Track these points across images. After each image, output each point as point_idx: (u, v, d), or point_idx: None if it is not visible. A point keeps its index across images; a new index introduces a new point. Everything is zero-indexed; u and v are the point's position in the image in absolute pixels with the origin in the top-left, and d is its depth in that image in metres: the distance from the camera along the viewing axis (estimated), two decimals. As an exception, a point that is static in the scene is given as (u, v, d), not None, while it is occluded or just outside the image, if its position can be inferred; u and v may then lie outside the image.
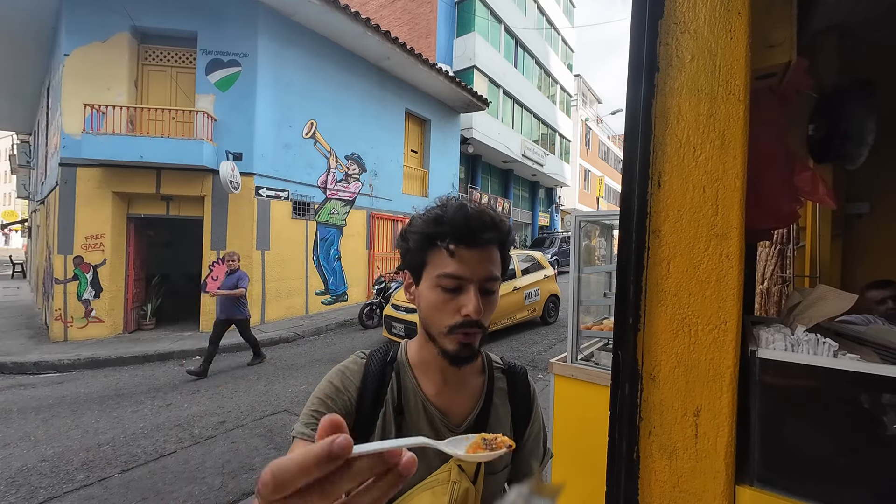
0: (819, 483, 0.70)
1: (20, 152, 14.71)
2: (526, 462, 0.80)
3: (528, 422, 0.81)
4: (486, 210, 0.71)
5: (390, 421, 0.73)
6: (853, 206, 2.04)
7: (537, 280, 7.30)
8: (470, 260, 0.66)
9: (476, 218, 0.68)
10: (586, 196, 28.12)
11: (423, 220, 0.71)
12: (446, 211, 0.69)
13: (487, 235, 0.68)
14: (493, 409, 0.78)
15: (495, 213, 0.72)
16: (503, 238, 0.71)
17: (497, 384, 0.81)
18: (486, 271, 0.67)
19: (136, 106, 6.76)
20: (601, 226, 2.95)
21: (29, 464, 3.10)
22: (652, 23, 0.76)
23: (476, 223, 0.67)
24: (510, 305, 6.65)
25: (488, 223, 0.69)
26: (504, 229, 0.71)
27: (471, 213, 0.68)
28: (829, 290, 0.88)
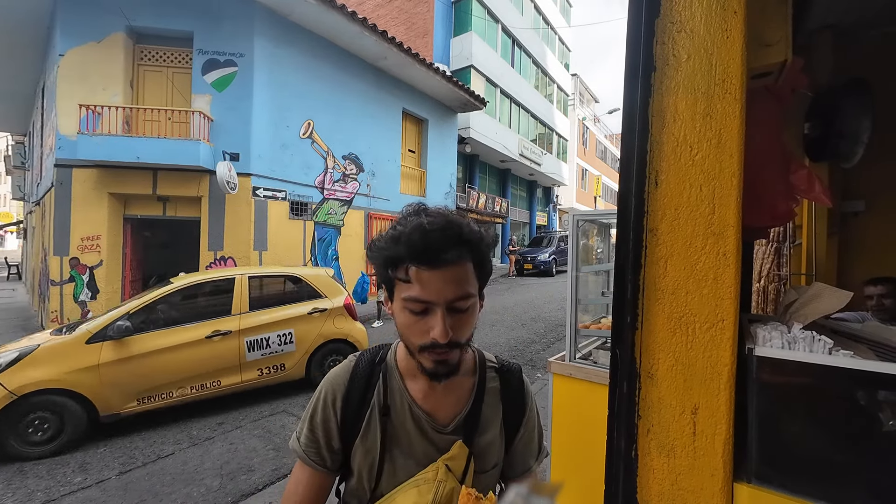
0: (816, 479, 0.70)
1: (15, 153, 14.62)
2: (518, 459, 0.80)
3: (521, 421, 0.80)
4: (453, 221, 0.65)
5: (375, 422, 0.74)
6: (849, 204, 2.05)
7: (292, 317, 4.41)
8: (433, 282, 0.62)
9: (437, 236, 0.61)
10: (584, 195, 28.17)
11: (383, 239, 0.66)
12: (404, 228, 0.63)
13: (450, 254, 0.62)
14: (484, 409, 0.77)
15: (465, 224, 0.66)
16: (475, 252, 0.66)
17: (489, 384, 0.80)
18: (453, 292, 0.63)
19: (132, 106, 6.73)
20: (599, 225, 2.95)
21: (25, 466, 3.09)
22: (648, 22, 0.77)
23: (437, 242, 0.61)
24: (208, 361, 3.90)
25: (452, 239, 0.63)
26: (475, 242, 0.66)
27: (430, 231, 0.61)
28: (825, 288, 0.89)
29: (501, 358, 0.86)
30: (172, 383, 3.77)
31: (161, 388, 3.72)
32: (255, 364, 4.20)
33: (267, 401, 4.31)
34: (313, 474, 0.74)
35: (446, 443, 0.73)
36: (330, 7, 7.46)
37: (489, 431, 0.77)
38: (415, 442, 0.73)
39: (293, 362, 4.43)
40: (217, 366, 3.98)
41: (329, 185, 8.78)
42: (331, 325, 4.64)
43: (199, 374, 3.89)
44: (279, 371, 4.36)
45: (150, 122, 6.78)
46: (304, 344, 4.47)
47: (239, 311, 4.19)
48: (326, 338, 4.60)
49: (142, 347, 3.65)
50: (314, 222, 8.49)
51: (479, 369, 0.81)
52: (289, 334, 4.39)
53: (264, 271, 4.72)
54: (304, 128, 8.23)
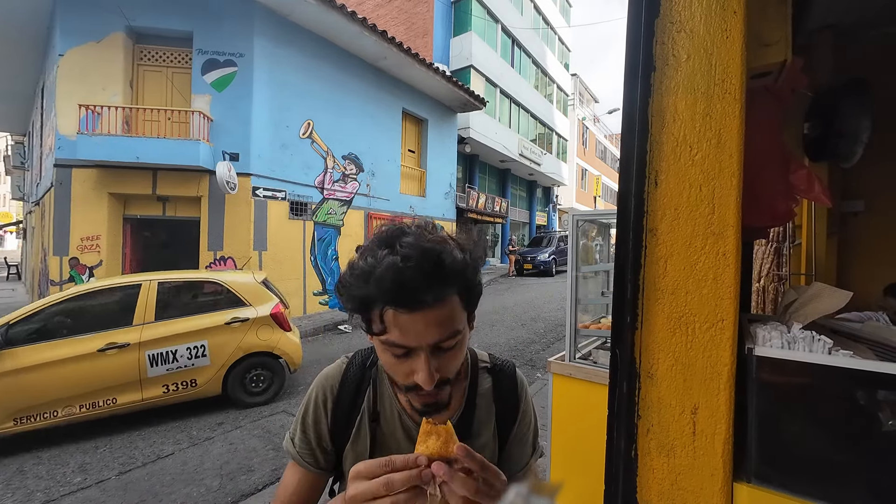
0: (816, 479, 0.70)
1: (14, 153, 14.62)
2: (512, 458, 0.79)
3: (514, 420, 0.79)
4: (431, 252, 0.55)
5: (365, 428, 0.73)
6: (848, 204, 2.05)
7: (207, 328, 3.97)
8: (413, 326, 0.55)
9: (413, 274, 0.53)
10: (583, 195, 28.18)
11: (352, 276, 0.58)
12: (376, 264, 0.54)
13: (431, 295, 0.54)
14: (476, 413, 0.75)
15: (446, 252, 0.56)
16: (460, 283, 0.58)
17: (481, 386, 0.78)
18: (437, 335, 0.56)
19: (132, 106, 6.73)
20: (598, 225, 2.95)
21: (25, 466, 3.09)
22: (648, 22, 0.77)
23: (414, 281, 0.53)
24: (101, 377, 3.56)
25: (432, 276, 0.54)
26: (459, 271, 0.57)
27: (406, 269, 0.52)
28: (824, 288, 0.89)
29: (495, 356, 0.84)
30: (57, 401, 3.40)
31: (43, 407, 3.37)
32: (159, 380, 3.77)
33: (266, 401, 4.31)
34: (306, 474, 0.74)
35: None
36: (330, 7, 7.45)
37: (482, 435, 0.75)
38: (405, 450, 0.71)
39: (206, 378, 3.97)
40: (112, 382, 3.58)
41: (329, 185, 8.78)
42: (253, 337, 4.16)
43: (91, 392, 3.51)
44: (190, 387, 3.93)
45: (150, 122, 6.78)
46: (220, 357, 4.00)
47: (142, 321, 3.79)
48: (247, 350, 4.13)
49: (19, 362, 3.31)
50: (314, 222, 8.49)
51: (470, 372, 0.78)
52: (201, 347, 3.92)
53: (179, 277, 4.24)
54: (304, 128, 8.23)
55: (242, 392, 4.17)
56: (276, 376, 4.34)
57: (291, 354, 4.42)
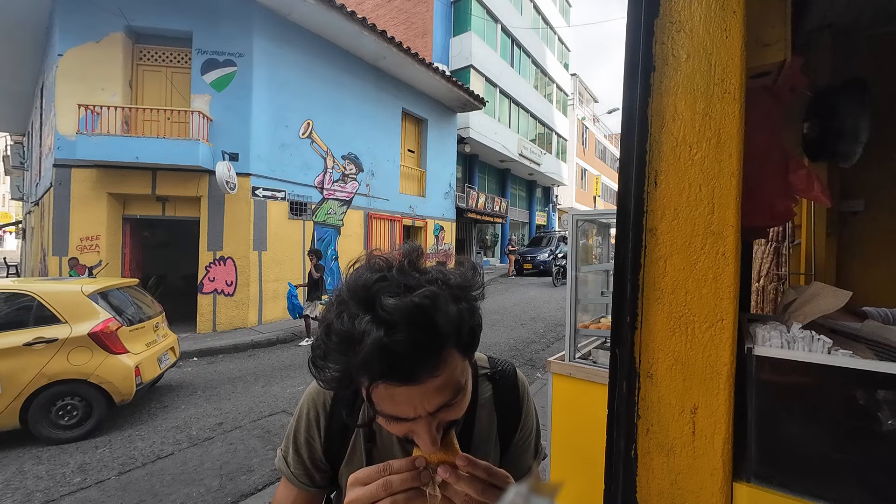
0: (816, 479, 0.70)
1: (14, 153, 14.61)
2: (514, 464, 0.76)
3: (516, 426, 0.76)
4: (421, 314, 0.46)
5: (360, 448, 0.70)
6: (848, 204, 2.05)
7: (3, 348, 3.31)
8: (408, 398, 0.48)
9: (405, 350, 0.44)
10: (583, 195, 28.19)
11: (329, 348, 0.49)
12: (356, 337, 0.45)
13: (427, 368, 0.46)
14: (477, 423, 0.72)
15: (439, 309, 0.47)
16: (459, 340, 0.51)
17: (481, 395, 0.74)
18: (438, 402, 0.50)
19: (131, 106, 6.72)
20: (598, 225, 2.95)
21: (25, 467, 3.08)
22: (648, 22, 0.77)
23: (406, 358, 0.45)
24: None
25: (427, 347, 0.46)
26: (456, 328, 0.49)
27: (394, 344, 0.44)
28: (823, 288, 0.89)
29: (494, 360, 0.80)
30: None
31: None
32: None
33: (265, 401, 4.31)
34: (301, 492, 0.72)
35: None
36: (329, 7, 7.45)
37: (483, 447, 0.72)
38: None
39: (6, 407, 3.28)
40: None
41: (328, 184, 8.77)
42: (62, 361, 3.43)
43: None
44: None
45: (150, 122, 6.78)
46: (15, 386, 3.31)
47: None
48: (53, 378, 3.41)
49: None
50: (314, 222, 8.48)
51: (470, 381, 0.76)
52: None
53: None
54: (304, 128, 8.22)
55: (48, 426, 3.44)
56: (94, 408, 3.57)
57: (116, 382, 3.58)
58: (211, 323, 7.07)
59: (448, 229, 13.09)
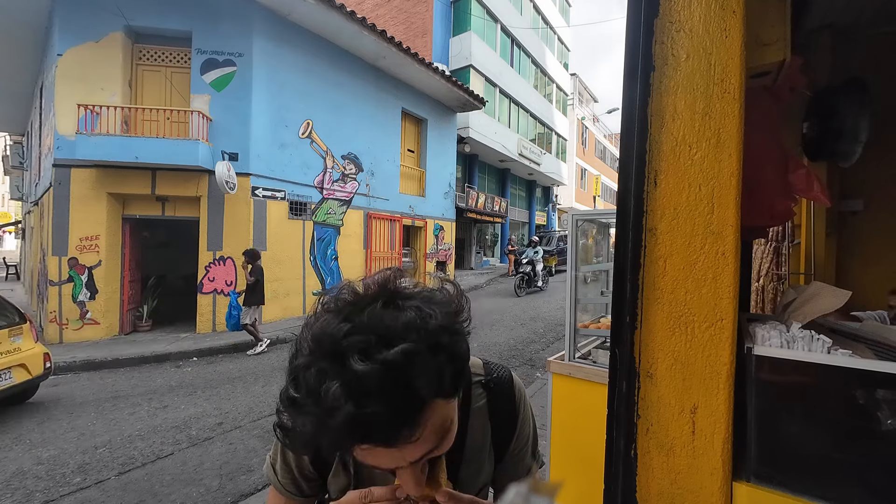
0: (815, 478, 0.70)
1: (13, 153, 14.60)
2: (509, 474, 0.73)
3: (512, 435, 0.73)
4: (396, 378, 0.41)
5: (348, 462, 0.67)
6: (847, 204, 2.05)
7: None
8: (389, 456, 0.45)
9: (380, 420, 0.40)
10: (583, 195, 28.19)
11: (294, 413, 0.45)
12: (323, 406, 0.41)
13: (406, 432, 0.42)
14: (469, 433, 0.68)
15: (417, 369, 0.43)
16: (443, 391, 0.46)
17: (475, 403, 0.71)
18: (417, 454, 0.47)
19: (131, 106, 6.71)
20: (598, 224, 2.95)
21: (24, 467, 3.08)
22: (647, 22, 0.77)
23: (382, 427, 0.41)
24: None
25: (405, 412, 0.42)
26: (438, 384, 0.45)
27: (368, 415, 0.40)
28: (823, 287, 0.89)
29: (489, 365, 0.76)
30: None
31: None
32: None
33: (265, 401, 4.31)
34: (289, 502, 0.71)
35: None
36: (329, 6, 7.45)
37: (475, 458, 0.70)
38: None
39: None
40: None
41: (328, 184, 8.77)
42: None
43: None
44: None
45: (149, 121, 6.77)
46: None
47: None
48: None
49: None
50: (313, 222, 8.48)
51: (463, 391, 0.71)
52: None
53: None
54: (303, 127, 8.22)
55: None
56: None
57: None
58: (211, 323, 7.07)
59: (448, 229, 13.09)
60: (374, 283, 0.51)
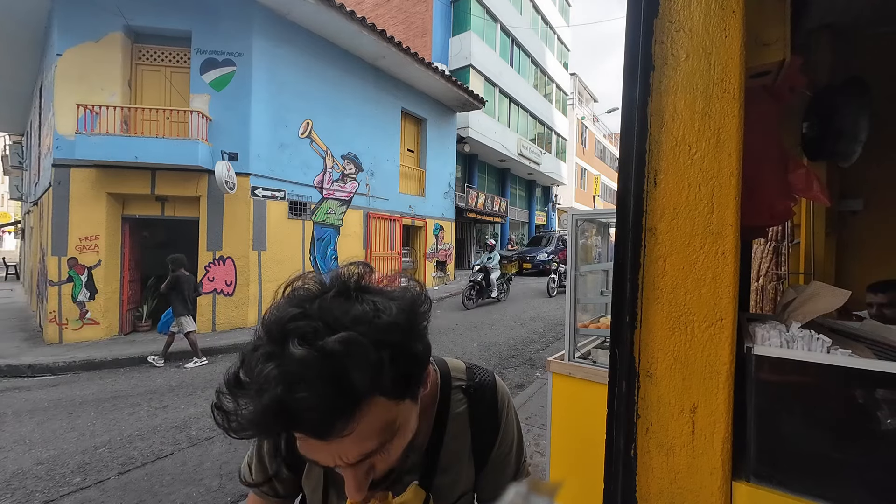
0: (815, 478, 0.70)
1: (12, 153, 14.59)
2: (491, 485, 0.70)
3: (493, 443, 0.70)
4: (330, 368, 0.40)
5: (280, 445, 0.66)
6: (847, 203, 2.05)
7: None
8: (325, 450, 0.44)
9: (309, 408, 0.39)
10: (583, 194, 28.19)
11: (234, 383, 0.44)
12: (259, 384, 0.40)
13: (337, 426, 0.41)
14: (446, 443, 0.66)
15: (353, 362, 0.41)
16: (384, 387, 0.44)
17: (454, 409, 0.68)
18: (356, 454, 0.45)
19: (130, 106, 6.71)
20: (598, 224, 2.95)
21: (24, 467, 3.08)
22: (647, 21, 0.77)
23: (311, 415, 0.39)
24: None
25: (337, 404, 0.40)
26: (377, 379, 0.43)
27: (296, 401, 0.39)
28: (823, 287, 0.89)
29: (473, 369, 0.73)
30: None
31: None
32: None
33: (266, 401, 4.31)
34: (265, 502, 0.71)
35: (402, 484, 0.63)
36: (328, 6, 7.44)
37: (453, 466, 0.67)
38: None
39: None
40: None
41: (328, 184, 8.77)
42: None
43: None
44: None
45: (149, 121, 6.76)
46: None
47: None
48: None
49: None
50: (313, 222, 8.48)
51: (440, 393, 0.68)
52: None
53: None
54: (303, 127, 8.21)
55: None
56: None
57: None
58: (210, 323, 7.07)
59: (448, 229, 13.09)
60: (336, 275, 0.51)
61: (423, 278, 11.92)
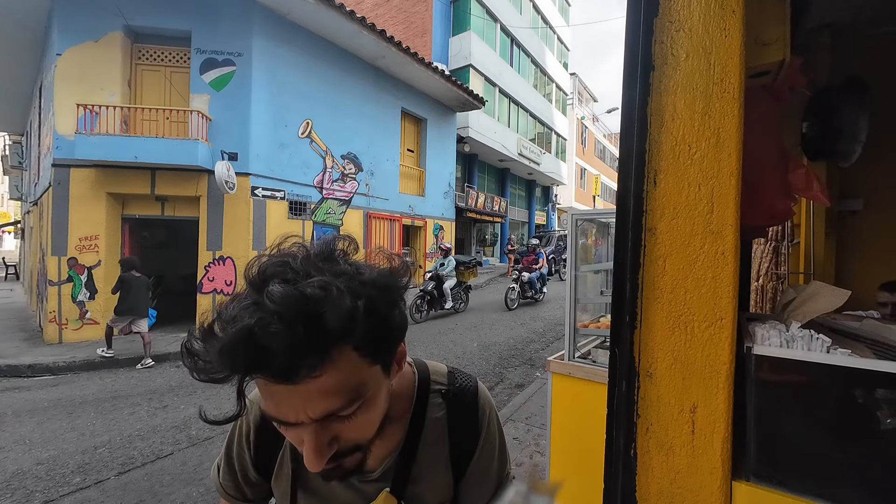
0: (815, 477, 0.71)
1: (12, 153, 14.58)
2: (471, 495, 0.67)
3: (473, 451, 0.66)
4: (305, 307, 0.40)
5: (287, 467, 0.64)
6: (847, 203, 2.05)
7: None
8: (289, 398, 0.43)
9: (279, 342, 0.38)
10: (583, 194, 28.19)
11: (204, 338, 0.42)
12: (231, 317, 0.41)
13: (305, 365, 0.40)
14: (421, 449, 0.63)
15: (329, 304, 0.41)
16: (355, 336, 0.43)
17: (431, 413, 0.65)
18: (320, 409, 0.43)
19: (130, 106, 6.71)
20: (598, 224, 2.95)
21: (24, 467, 3.08)
22: (647, 21, 0.77)
23: (279, 351, 0.38)
24: None
25: (306, 342, 0.39)
26: (349, 326, 0.42)
27: (266, 335, 0.38)
28: (822, 287, 0.89)
29: (455, 374, 0.71)
30: None
31: None
32: None
33: (266, 400, 4.31)
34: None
35: (373, 490, 0.61)
36: (328, 6, 7.44)
37: (428, 474, 0.64)
38: (337, 491, 0.62)
39: None
40: None
41: (328, 184, 8.77)
42: None
43: None
44: None
45: (148, 121, 6.75)
46: None
47: None
48: None
49: None
50: (313, 222, 8.48)
51: (417, 396, 0.65)
52: None
53: None
54: (303, 127, 8.21)
55: None
56: None
57: None
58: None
59: (447, 229, 13.09)
60: (322, 240, 0.52)
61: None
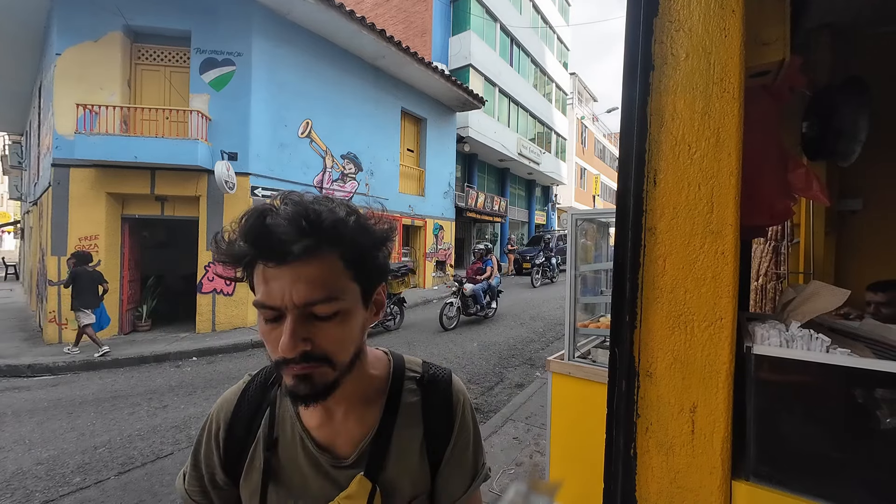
0: (814, 477, 0.71)
1: (12, 153, 14.57)
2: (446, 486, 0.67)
3: (447, 440, 0.67)
4: (309, 206, 0.52)
5: (259, 458, 0.64)
6: (846, 203, 2.05)
7: None
8: (279, 282, 0.50)
9: (282, 226, 0.49)
10: (582, 194, 28.19)
11: (226, 233, 0.54)
12: (247, 218, 0.52)
13: (298, 246, 0.49)
14: (395, 434, 0.64)
15: (326, 210, 0.52)
16: (342, 245, 0.53)
17: (406, 400, 0.67)
18: (304, 294, 0.50)
19: (130, 106, 6.70)
20: (597, 224, 2.95)
21: (24, 467, 3.08)
22: (647, 21, 0.77)
23: (281, 232, 0.49)
24: None
25: (304, 230, 0.49)
26: (339, 230, 0.52)
27: (273, 222, 0.49)
28: (822, 287, 0.89)
29: (431, 365, 0.73)
30: None
31: None
32: None
33: (266, 400, 4.31)
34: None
35: (347, 478, 0.61)
36: (328, 5, 7.44)
37: (403, 459, 0.64)
38: (310, 480, 0.62)
39: None
40: None
41: (328, 184, 8.77)
42: None
43: None
44: None
45: (148, 121, 6.76)
46: None
47: None
48: None
49: None
50: (313, 222, 8.48)
51: (391, 383, 0.67)
52: None
53: None
54: (303, 127, 8.21)
55: None
56: None
57: None
58: (210, 322, 7.07)
59: (447, 229, 13.08)
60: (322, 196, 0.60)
61: (423, 278, 11.94)
